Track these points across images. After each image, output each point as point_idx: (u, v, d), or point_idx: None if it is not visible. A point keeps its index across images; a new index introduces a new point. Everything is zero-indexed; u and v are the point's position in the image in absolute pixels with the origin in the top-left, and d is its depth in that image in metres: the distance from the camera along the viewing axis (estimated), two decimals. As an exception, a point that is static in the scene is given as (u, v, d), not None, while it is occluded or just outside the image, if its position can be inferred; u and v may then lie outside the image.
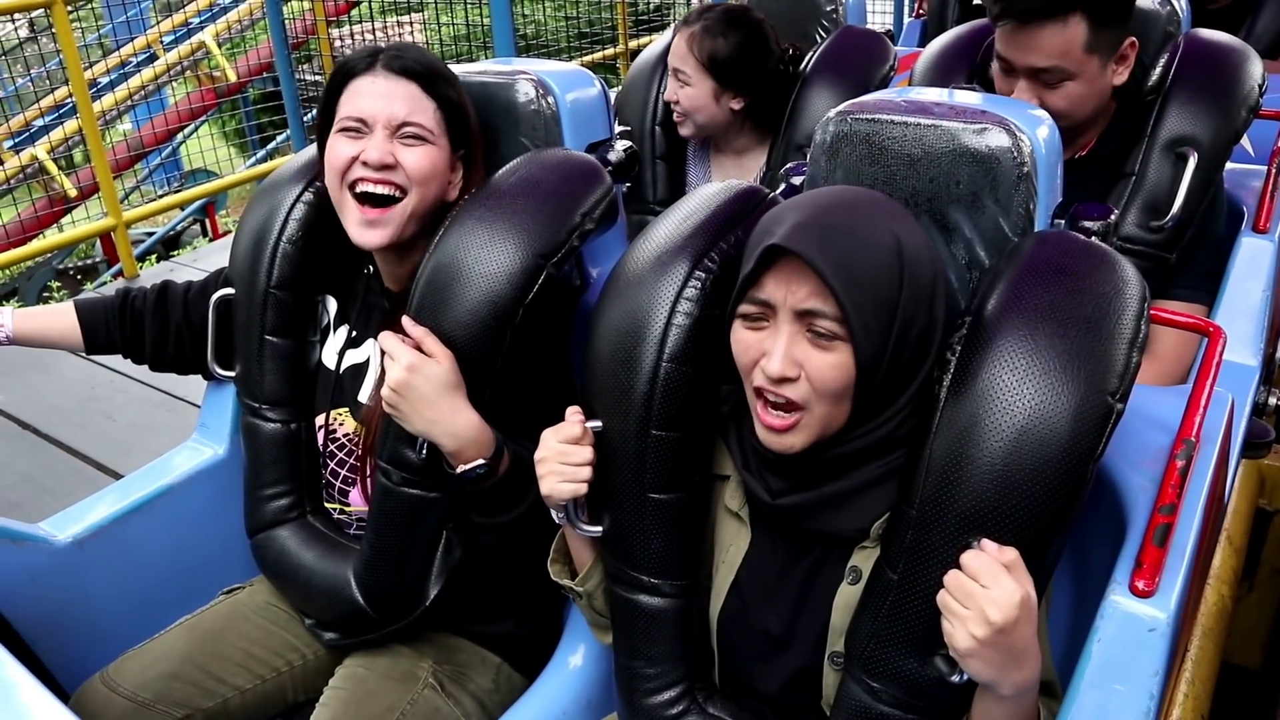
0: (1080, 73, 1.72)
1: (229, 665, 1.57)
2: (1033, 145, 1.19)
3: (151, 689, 1.51)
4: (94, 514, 1.66)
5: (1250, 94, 1.82)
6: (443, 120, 1.45)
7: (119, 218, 4.20)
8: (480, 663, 1.55)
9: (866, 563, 1.14)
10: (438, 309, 1.34)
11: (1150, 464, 1.19)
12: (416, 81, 1.43)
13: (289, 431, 1.62)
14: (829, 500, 1.13)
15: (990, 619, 0.94)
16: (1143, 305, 1.07)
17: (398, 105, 1.41)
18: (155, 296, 1.70)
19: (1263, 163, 2.13)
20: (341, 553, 1.55)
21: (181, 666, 1.54)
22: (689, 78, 2.20)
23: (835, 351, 1.05)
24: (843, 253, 1.03)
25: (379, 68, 1.43)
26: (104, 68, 7.03)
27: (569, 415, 1.23)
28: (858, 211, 1.08)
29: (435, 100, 1.44)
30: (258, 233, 1.60)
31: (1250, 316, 1.80)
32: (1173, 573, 1.10)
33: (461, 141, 1.48)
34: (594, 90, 1.63)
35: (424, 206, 1.45)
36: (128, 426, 3.23)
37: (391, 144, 1.42)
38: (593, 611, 1.37)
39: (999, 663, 0.97)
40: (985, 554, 0.98)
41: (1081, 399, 0.99)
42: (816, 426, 1.08)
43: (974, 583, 0.97)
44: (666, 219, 1.29)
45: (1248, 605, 2.39)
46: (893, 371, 1.07)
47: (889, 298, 1.04)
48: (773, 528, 1.21)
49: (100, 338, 1.68)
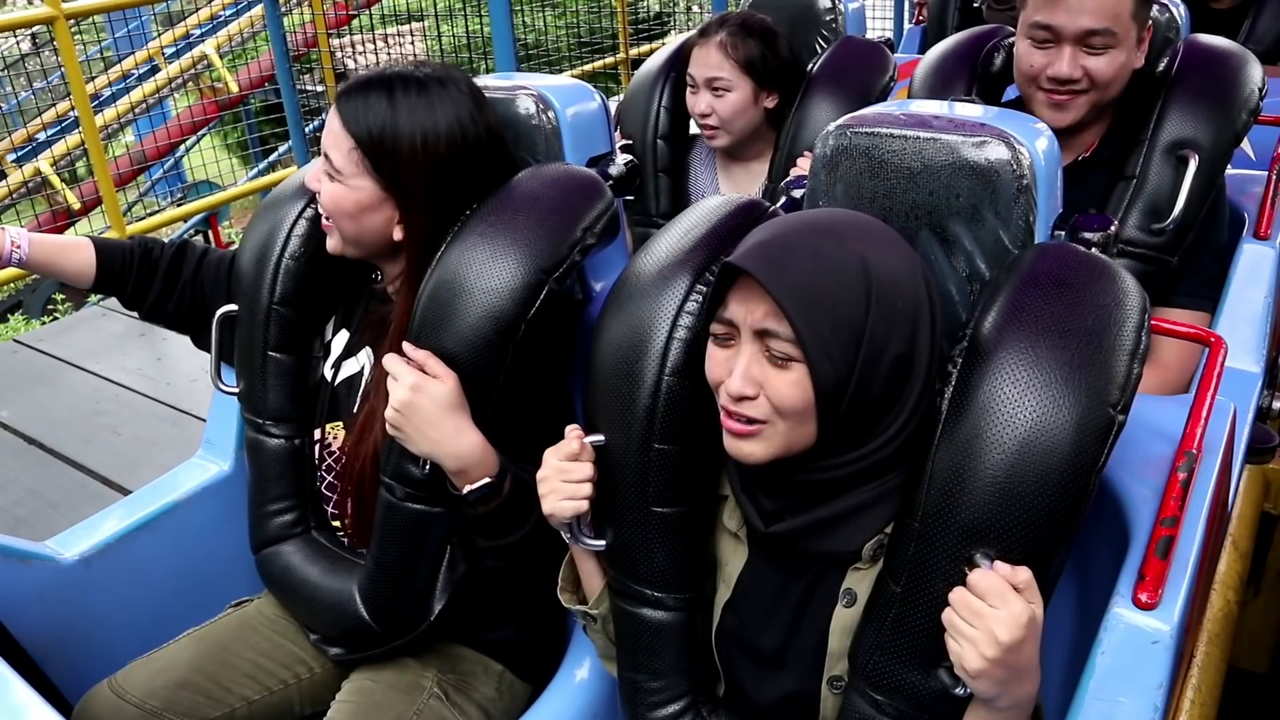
0: (1124, 40, 1.72)
1: (237, 676, 1.58)
2: (1032, 157, 1.20)
3: (160, 696, 1.51)
4: (100, 531, 1.67)
5: (1250, 97, 1.82)
6: (361, 161, 1.41)
7: (122, 231, 4.21)
8: (483, 671, 1.56)
9: (861, 584, 1.14)
10: (440, 325, 1.34)
11: (1153, 474, 1.19)
12: (340, 118, 1.41)
13: (293, 447, 1.62)
14: (821, 524, 1.13)
15: (999, 639, 0.94)
16: (1143, 317, 1.07)
17: (330, 139, 1.43)
18: (174, 252, 1.71)
19: (1264, 168, 2.13)
20: (346, 568, 1.56)
21: (190, 675, 1.54)
22: (728, 83, 2.20)
23: (791, 371, 1.05)
24: (800, 272, 1.03)
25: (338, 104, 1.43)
26: (106, 81, 7.06)
27: (568, 433, 1.24)
28: (826, 234, 1.07)
29: (352, 141, 1.40)
30: (260, 249, 1.61)
31: (1252, 323, 1.80)
32: (1175, 585, 1.10)
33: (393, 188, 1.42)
34: (594, 104, 1.63)
35: (350, 235, 1.46)
36: (133, 441, 3.24)
37: (323, 176, 1.45)
38: (605, 640, 1.37)
39: (1004, 680, 0.97)
40: (994, 574, 0.98)
41: (1083, 411, 0.99)
42: (779, 440, 1.08)
43: (981, 602, 0.97)
44: (667, 233, 1.30)
45: (1254, 610, 2.39)
46: (861, 397, 1.05)
47: (851, 320, 1.03)
48: (768, 548, 1.22)
49: (113, 275, 1.67)
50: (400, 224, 1.43)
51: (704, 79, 2.21)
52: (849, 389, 1.04)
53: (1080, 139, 1.86)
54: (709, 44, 2.20)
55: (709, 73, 2.20)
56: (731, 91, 2.20)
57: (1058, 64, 1.74)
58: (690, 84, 2.26)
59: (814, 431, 1.07)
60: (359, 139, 1.39)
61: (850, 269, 1.04)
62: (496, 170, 1.45)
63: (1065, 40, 1.74)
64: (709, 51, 2.20)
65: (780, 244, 1.06)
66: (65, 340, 3.89)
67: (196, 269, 1.71)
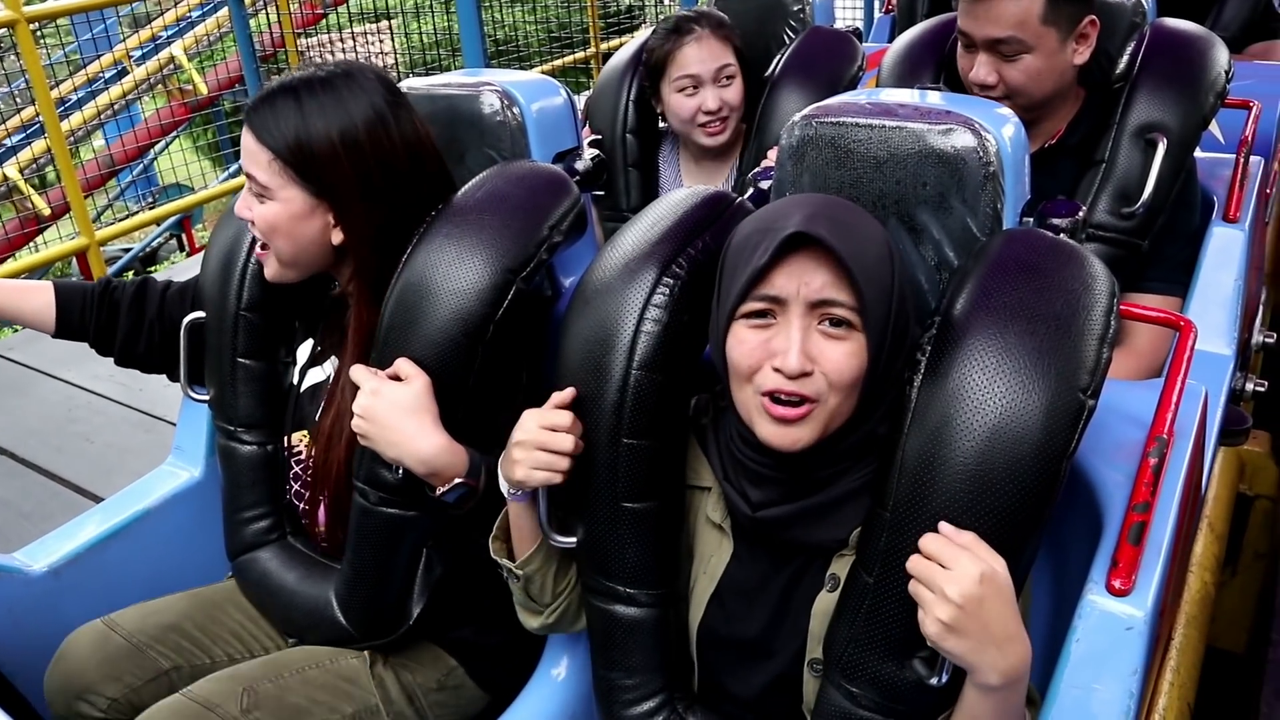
0: (1037, 46, 1.73)
1: (224, 633, 1.59)
2: (999, 144, 1.19)
3: (148, 634, 1.53)
4: (70, 542, 1.65)
5: (1217, 80, 1.83)
6: (284, 171, 1.38)
7: (91, 237, 4.16)
8: (432, 660, 1.54)
9: (844, 569, 1.14)
10: (408, 329, 1.33)
11: (1125, 459, 1.19)
12: (253, 134, 1.39)
13: (265, 453, 1.61)
14: (809, 512, 1.13)
15: (949, 596, 0.94)
16: (1112, 301, 1.07)
17: (245, 158, 1.42)
18: (134, 291, 1.70)
19: (1233, 152, 2.14)
20: (323, 573, 1.54)
21: (180, 621, 1.57)
22: (734, 69, 2.19)
23: (849, 341, 1.05)
24: (854, 241, 1.05)
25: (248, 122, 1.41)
26: (72, 85, 6.97)
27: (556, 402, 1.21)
28: (850, 207, 1.11)
29: (271, 152, 1.38)
30: (225, 255, 1.59)
31: (1223, 306, 1.81)
32: (1149, 570, 1.10)
33: (322, 192, 1.39)
34: (559, 99, 1.62)
35: (286, 254, 1.44)
36: (106, 448, 3.20)
37: (250, 197, 1.43)
38: (525, 595, 1.34)
39: (973, 644, 0.96)
40: (941, 536, 0.98)
41: (1053, 396, 0.99)
42: (825, 419, 1.07)
43: (932, 564, 0.97)
44: (634, 226, 1.29)
45: (1231, 590, 2.40)
46: (890, 365, 1.08)
47: (888, 289, 1.06)
48: (753, 539, 1.21)
49: (74, 322, 1.67)
50: (338, 226, 1.41)
51: (710, 72, 2.17)
52: (884, 357, 1.06)
53: (1045, 126, 1.87)
54: (701, 39, 2.17)
55: (715, 64, 2.17)
56: (736, 78, 2.20)
57: (977, 69, 1.78)
58: (685, 88, 2.19)
59: (854, 405, 1.08)
60: (276, 150, 1.38)
61: (881, 241, 1.09)
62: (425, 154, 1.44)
63: (979, 47, 1.77)
64: (707, 45, 2.17)
65: (828, 215, 1.07)
66: (36, 348, 3.84)
67: (161, 304, 1.70)
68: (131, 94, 6.94)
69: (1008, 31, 1.72)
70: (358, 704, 1.46)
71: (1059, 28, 1.73)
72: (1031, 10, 1.70)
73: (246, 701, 1.38)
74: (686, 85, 2.19)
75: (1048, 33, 1.72)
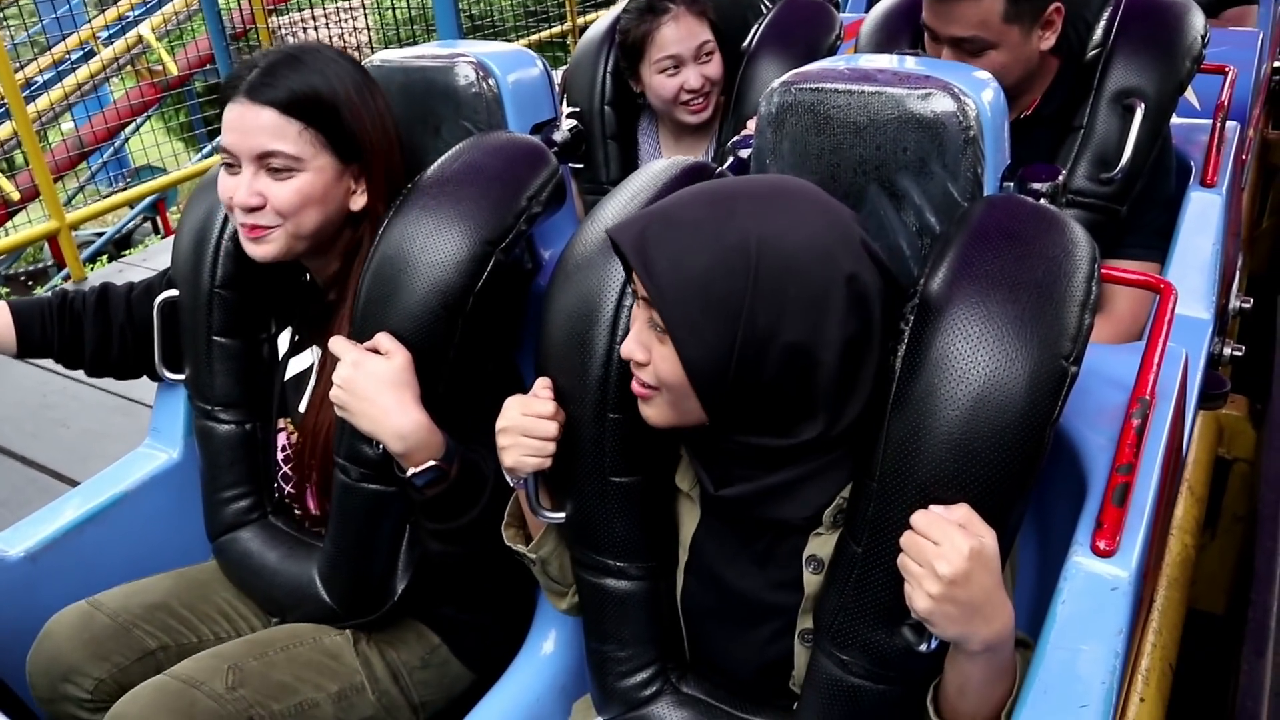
0: (1001, 42, 1.72)
1: (210, 612, 1.58)
2: (978, 108, 1.18)
3: (133, 613, 1.52)
4: (47, 526, 1.62)
5: (1194, 44, 1.83)
6: (315, 139, 1.36)
7: (62, 220, 4.11)
8: (416, 638, 1.53)
9: (824, 549, 1.14)
10: (386, 302, 1.31)
11: (1107, 423, 1.19)
12: (275, 108, 1.34)
13: (244, 432, 1.59)
14: (770, 491, 1.12)
15: (940, 573, 0.94)
16: (1093, 267, 1.07)
17: (257, 137, 1.35)
18: (96, 298, 1.65)
19: (1209, 117, 2.14)
20: (305, 551, 1.54)
21: (166, 600, 1.56)
22: (713, 44, 2.17)
23: (667, 346, 1.04)
24: (672, 248, 1.00)
25: (241, 94, 1.36)
26: (37, 67, 6.86)
27: (539, 389, 1.21)
28: (720, 205, 1.02)
29: (301, 122, 1.35)
30: (198, 232, 1.57)
31: (1201, 270, 1.81)
32: (1133, 531, 1.10)
33: (352, 153, 1.40)
34: (536, 70, 1.60)
35: (308, 229, 1.40)
36: (83, 433, 3.17)
37: (258, 179, 1.37)
38: (547, 578, 1.36)
39: (960, 618, 0.96)
40: (932, 513, 0.98)
41: (1035, 364, 0.99)
42: (670, 411, 1.08)
43: (924, 540, 0.96)
44: (613, 199, 1.28)
45: (1211, 553, 2.42)
46: (747, 381, 1.02)
47: (725, 301, 0.99)
48: (721, 512, 1.21)
49: (35, 339, 1.62)
50: (360, 189, 1.41)
51: (690, 51, 2.15)
52: (730, 370, 1.02)
53: (1020, 100, 1.86)
54: (679, 18, 2.14)
55: (694, 41, 2.15)
56: (715, 53, 2.18)
57: None
58: (666, 69, 2.17)
59: (699, 409, 1.06)
60: (306, 115, 1.35)
61: (731, 247, 0.99)
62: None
63: (943, 42, 1.76)
64: (684, 24, 2.14)
65: (663, 216, 1.03)
66: (8, 334, 3.77)
67: (127, 307, 1.66)
68: (100, 75, 6.83)
69: (970, 32, 1.72)
70: (343, 681, 1.45)
71: (1022, 23, 1.72)
72: (992, 10, 1.69)
73: (232, 679, 1.37)
74: (668, 66, 2.17)
75: (1010, 29, 1.72)
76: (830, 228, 1.03)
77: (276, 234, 1.39)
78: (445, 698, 1.54)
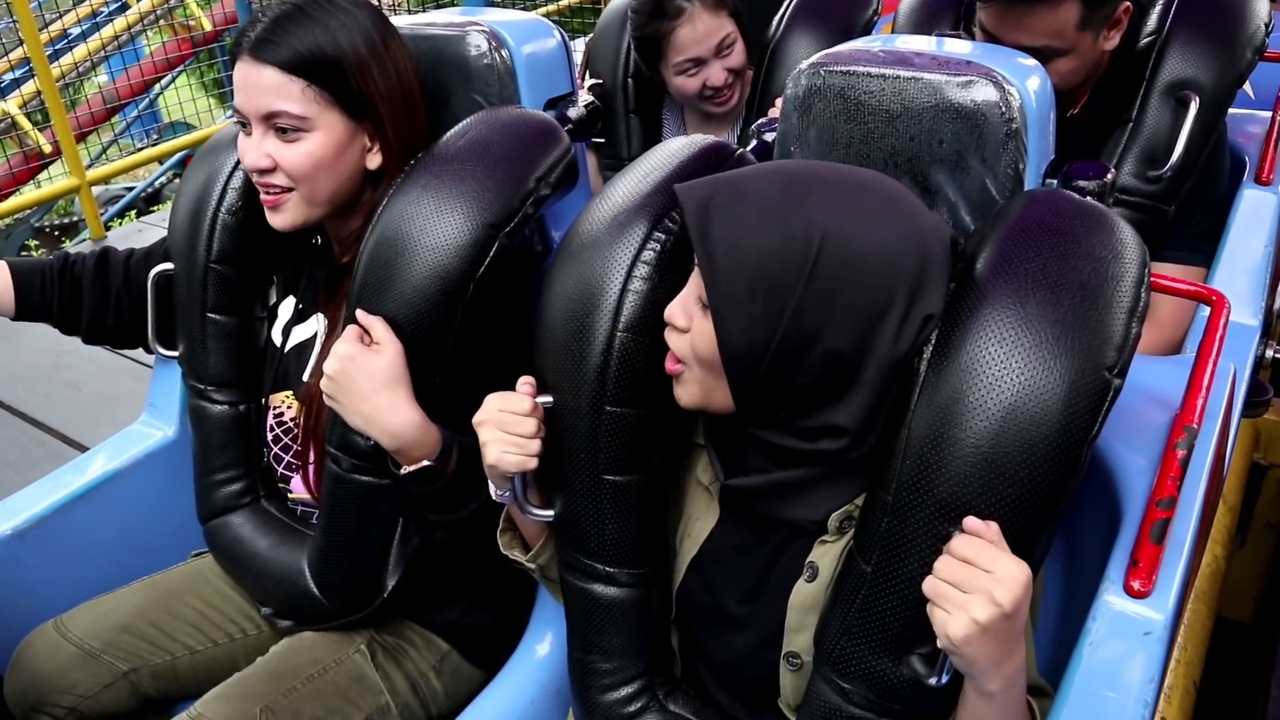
0: (1073, 49, 1.62)
1: (182, 625, 1.53)
2: (1022, 99, 1.09)
3: (101, 638, 1.47)
4: (36, 504, 1.57)
5: (1256, 33, 1.72)
6: (320, 97, 1.29)
7: (82, 177, 4.07)
8: (425, 645, 1.49)
9: (825, 558, 1.06)
10: (382, 286, 1.24)
11: (1147, 443, 1.11)
12: (278, 66, 1.28)
13: (238, 413, 1.53)
14: (782, 487, 1.05)
15: (998, 599, 0.85)
16: (1143, 271, 0.98)
17: (263, 97, 1.29)
18: (95, 263, 1.60)
19: (1266, 108, 2.02)
20: (297, 540, 1.48)
21: (134, 620, 1.50)
22: (734, 35, 2.04)
23: (709, 321, 0.98)
24: (732, 221, 0.95)
25: (246, 53, 1.29)
26: (74, 18, 6.82)
27: (520, 385, 1.14)
28: (792, 187, 0.96)
29: (304, 79, 1.28)
30: (195, 203, 1.50)
31: (1251, 273, 1.71)
32: (1170, 570, 1.01)
33: (362, 110, 1.33)
34: (553, 42, 1.51)
35: (325, 192, 1.34)
36: (94, 396, 3.14)
37: (267, 140, 1.31)
38: (550, 583, 1.30)
39: (995, 652, 0.88)
40: (976, 538, 0.89)
41: (1076, 374, 0.90)
42: (697, 390, 1.03)
43: (972, 567, 0.88)
44: (625, 177, 1.19)
45: (1240, 560, 2.33)
46: (780, 378, 0.96)
47: (776, 288, 0.93)
48: (737, 509, 1.13)
49: (35, 302, 1.57)
50: (375, 147, 1.35)
51: (711, 49, 2.02)
52: (764, 362, 0.96)
53: (1071, 96, 1.75)
54: (695, 18, 1.99)
55: (714, 40, 2.01)
56: (737, 42, 2.06)
57: None
58: (687, 70, 2.05)
59: (728, 394, 1.00)
60: (310, 74, 1.28)
61: (794, 234, 0.94)
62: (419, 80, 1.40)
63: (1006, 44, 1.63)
64: (701, 23, 2.00)
65: (732, 186, 0.97)
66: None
67: (125, 273, 1.60)
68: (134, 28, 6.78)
69: (1042, 41, 1.59)
70: (369, 705, 1.41)
71: (1094, 28, 1.61)
72: (1068, 21, 1.58)
73: None
74: (688, 68, 2.05)
75: (1084, 35, 1.61)
76: (905, 238, 0.96)
77: (292, 200, 1.33)
78: (461, 702, 1.49)
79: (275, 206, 1.35)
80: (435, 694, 1.48)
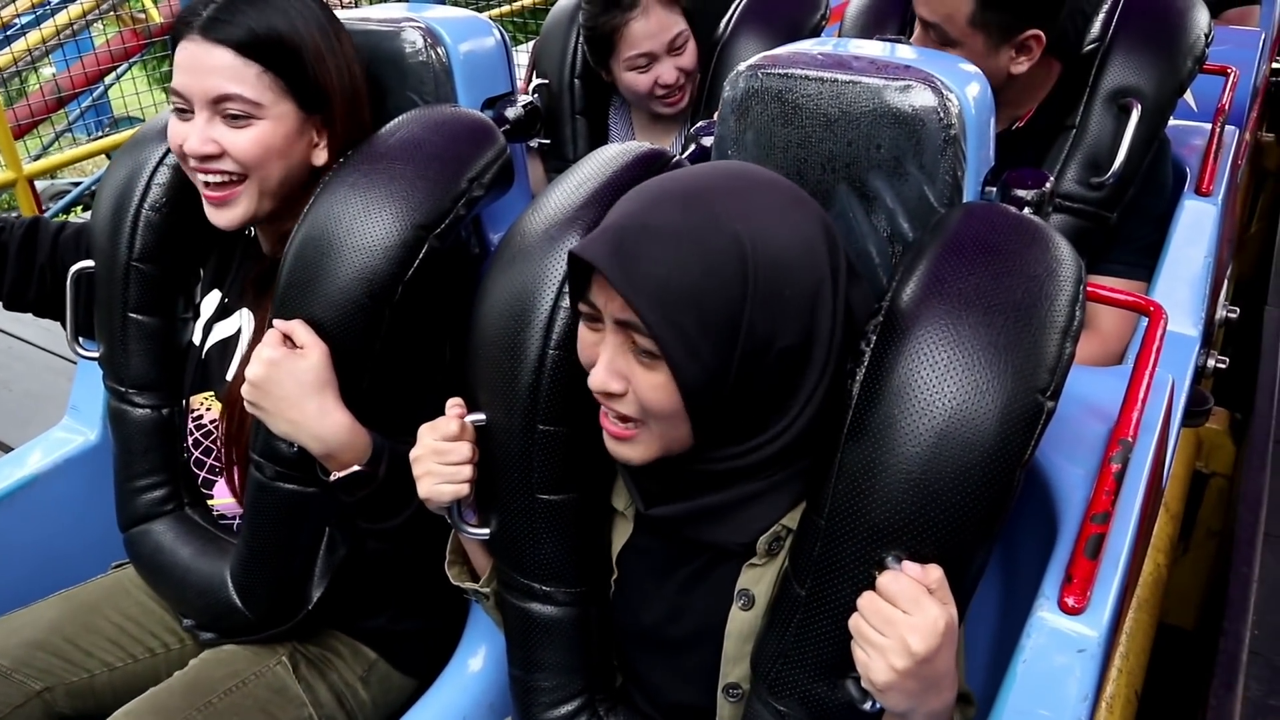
0: (963, 43, 1.62)
1: (100, 640, 1.46)
2: (961, 105, 1.07)
3: (11, 656, 1.40)
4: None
5: (1196, 43, 1.72)
6: (275, 84, 1.25)
7: (19, 171, 3.95)
8: (351, 655, 1.44)
9: (759, 584, 1.03)
10: (307, 287, 1.20)
11: (1085, 455, 1.09)
12: (232, 47, 1.22)
13: (160, 418, 1.47)
14: (707, 511, 1.02)
15: (913, 649, 0.84)
16: (1078, 289, 0.96)
17: (212, 79, 1.23)
18: (23, 232, 1.53)
19: (1206, 119, 2.04)
20: (219, 549, 1.42)
21: (48, 636, 1.43)
22: (687, 33, 2.02)
23: (656, 371, 0.91)
24: (657, 263, 0.88)
25: (195, 31, 1.23)
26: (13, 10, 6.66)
27: (448, 408, 1.11)
28: (696, 206, 0.90)
29: (260, 64, 1.23)
30: (117, 198, 1.44)
31: (1191, 284, 1.71)
32: (1105, 586, 1.00)
33: (315, 103, 1.28)
34: (491, 40, 1.47)
35: (272, 184, 1.28)
36: (25, 396, 3.05)
37: (213, 126, 1.24)
38: (499, 614, 1.26)
39: (917, 693, 0.87)
40: (906, 576, 0.87)
41: (1009, 398, 0.88)
42: (656, 443, 0.96)
43: (893, 608, 0.86)
44: (559, 186, 1.16)
45: (1183, 567, 2.35)
46: (743, 394, 0.93)
47: (723, 314, 0.89)
48: (653, 528, 1.11)
49: None
50: (322, 143, 1.30)
51: (663, 45, 2.00)
52: (727, 387, 0.92)
53: (1008, 111, 1.76)
54: (648, 12, 1.98)
55: (667, 35, 2.00)
56: (689, 40, 2.04)
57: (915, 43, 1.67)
58: (639, 65, 2.03)
59: (689, 432, 0.95)
60: (266, 58, 1.23)
61: (722, 252, 0.89)
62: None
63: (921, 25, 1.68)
64: (655, 17, 1.98)
65: (637, 227, 0.90)
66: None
67: (53, 247, 1.53)
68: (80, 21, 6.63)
69: (935, 19, 1.63)
70: (290, 718, 1.36)
71: (988, 33, 1.61)
72: (960, 8, 1.59)
73: None
74: (640, 64, 2.03)
75: (974, 34, 1.61)
76: (809, 219, 0.95)
77: (243, 192, 1.27)
78: (392, 712, 1.45)
79: (224, 202, 1.28)
80: (363, 704, 1.43)
